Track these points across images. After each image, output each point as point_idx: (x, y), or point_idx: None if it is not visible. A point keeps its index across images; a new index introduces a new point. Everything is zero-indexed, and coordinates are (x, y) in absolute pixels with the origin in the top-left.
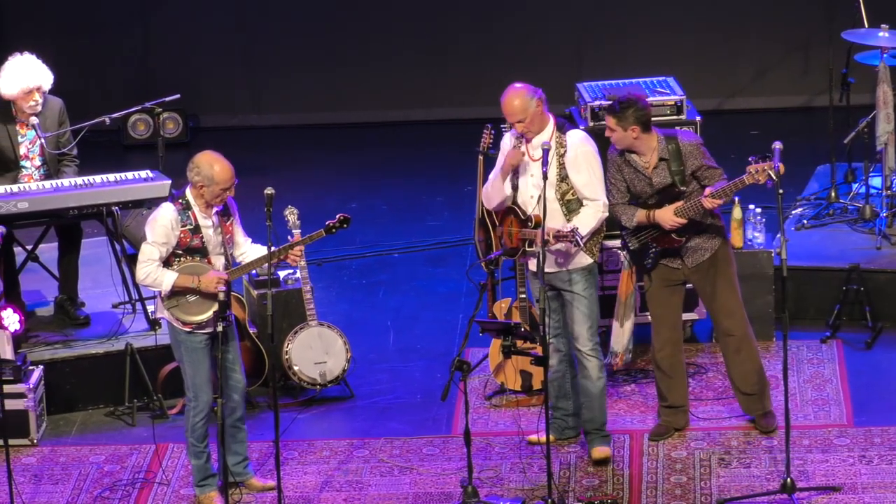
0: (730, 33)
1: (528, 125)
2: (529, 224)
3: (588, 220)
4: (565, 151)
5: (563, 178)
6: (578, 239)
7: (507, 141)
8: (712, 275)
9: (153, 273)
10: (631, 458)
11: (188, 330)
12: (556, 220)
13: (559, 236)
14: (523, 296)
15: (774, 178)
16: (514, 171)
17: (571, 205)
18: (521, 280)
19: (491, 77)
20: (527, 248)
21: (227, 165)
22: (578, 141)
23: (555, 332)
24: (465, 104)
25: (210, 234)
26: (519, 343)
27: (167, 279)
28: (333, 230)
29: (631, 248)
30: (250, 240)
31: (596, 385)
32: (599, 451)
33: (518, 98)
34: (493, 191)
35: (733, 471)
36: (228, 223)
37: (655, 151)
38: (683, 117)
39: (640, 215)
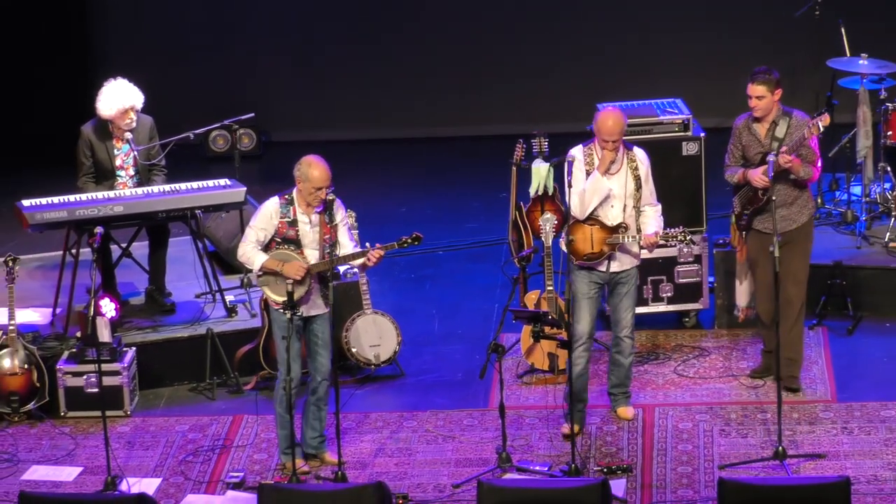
0: (730, 61)
1: (618, 144)
2: (622, 230)
3: (659, 221)
4: (637, 166)
5: (638, 188)
6: (692, 237)
7: (579, 154)
8: (792, 245)
9: (248, 253)
10: (644, 429)
11: (278, 308)
12: (632, 226)
13: (669, 236)
14: (551, 288)
15: (822, 128)
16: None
17: (637, 211)
18: (549, 274)
19: (522, 98)
20: (616, 252)
21: (323, 168)
22: (645, 156)
23: (588, 335)
24: (500, 122)
25: (306, 229)
26: (547, 329)
27: (258, 259)
28: (405, 245)
29: (734, 211)
30: (353, 243)
31: (627, 360)
32: (626, 411)
33: (618, 120)
34: (597, 191)
35: (732, 440)
36: (331, 225)
37: (773, 119)
38: (690, 133)
39: (739, 174)
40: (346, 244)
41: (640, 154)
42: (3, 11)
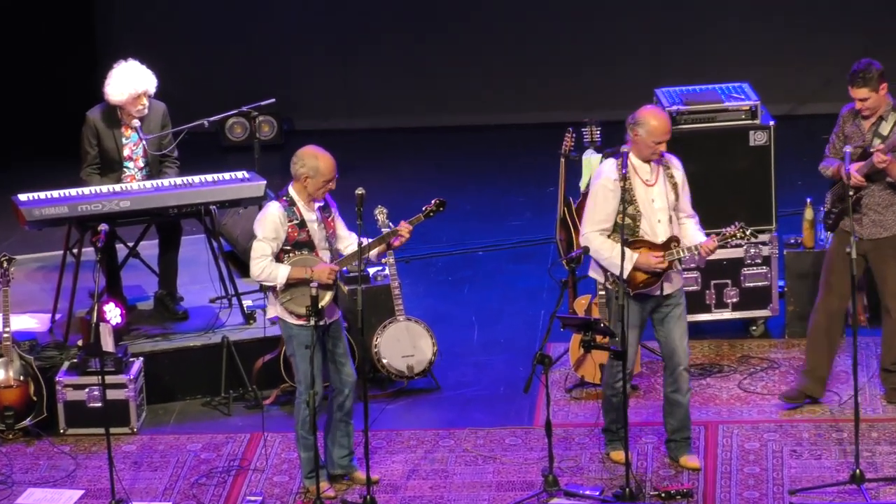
0: (802, 42)
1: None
2: (674, 244)
3: (699, 233)
4: (672, 173)
5: (676, 197)
6: (752, 230)
7: (611, 171)
8: (883, 255)
9: (267, 268)
10: (706, 450)
11: (300, 323)
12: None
13: (728, 236)
14: (602, 293)
15: None
16: (629, 203)
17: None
18: None
19: (573, 83)
20: (673, 269)
21: (329, 158)
22: (679, 162)
23: (631, 365)
24: (547, 109)
25: (315, 228)
26: (598, 338)
27: (281, 273)
28: (431, 214)
29: (824, 208)
30: (354, 234)
31: (685, 397)
32: (692, 460)
33: (666, 118)
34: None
35: (805, 462)
36: (330, 219)
37: (880, 114)
38: (758, 122)
39: (833, 167)
40: (345, 236)
41: (674, 160)
42: None
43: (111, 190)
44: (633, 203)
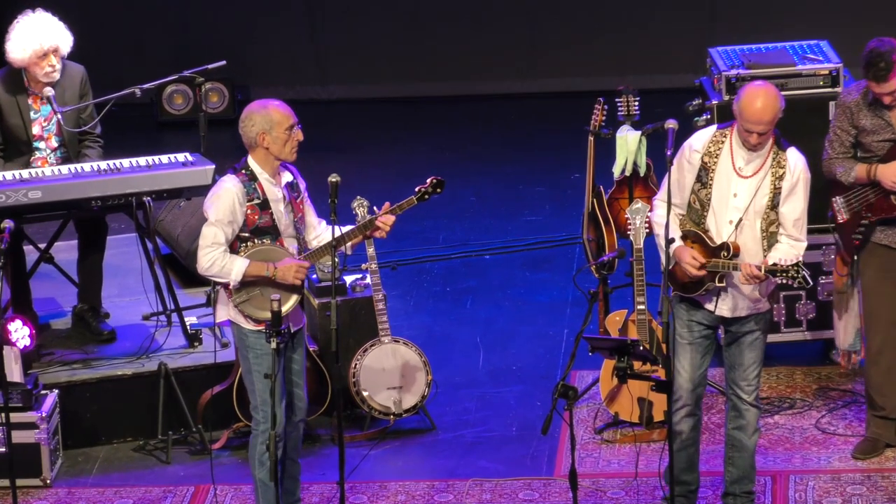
0: None
1: (767, 137)
2: (724, 254)
3: (791, 260)
4: (784, 173)
5: (775, 205)
6: (806, 275)
7: (702, 138)
8: None
9: (220, 260)
10: None
11: (260, 329)
12: (752, 257)
13: (776, 269)
14: (642, 307)
15: None
16: (702, 184)
17: (773, 238)
18: (641, 288)
19: (603, 43)
20: (717, 283)
21: (280, 103)
22: (802, 165)
23: (690, 392)
24: (572, 74)
25: (280, 209)
26: (636, 365)
27: (237, 267)
28: (426, 196)
29: (840, 220)
30: (324, 222)
31: (752, 439)
32: None
33: (770, 102)
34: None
35: None
36: (299, 200)
37: None
38: (839, 89)
39: (861, 170)
40: (314, 224)
41: (793, 158)
42: None
43: (17, 177)
44: (707, 187)
